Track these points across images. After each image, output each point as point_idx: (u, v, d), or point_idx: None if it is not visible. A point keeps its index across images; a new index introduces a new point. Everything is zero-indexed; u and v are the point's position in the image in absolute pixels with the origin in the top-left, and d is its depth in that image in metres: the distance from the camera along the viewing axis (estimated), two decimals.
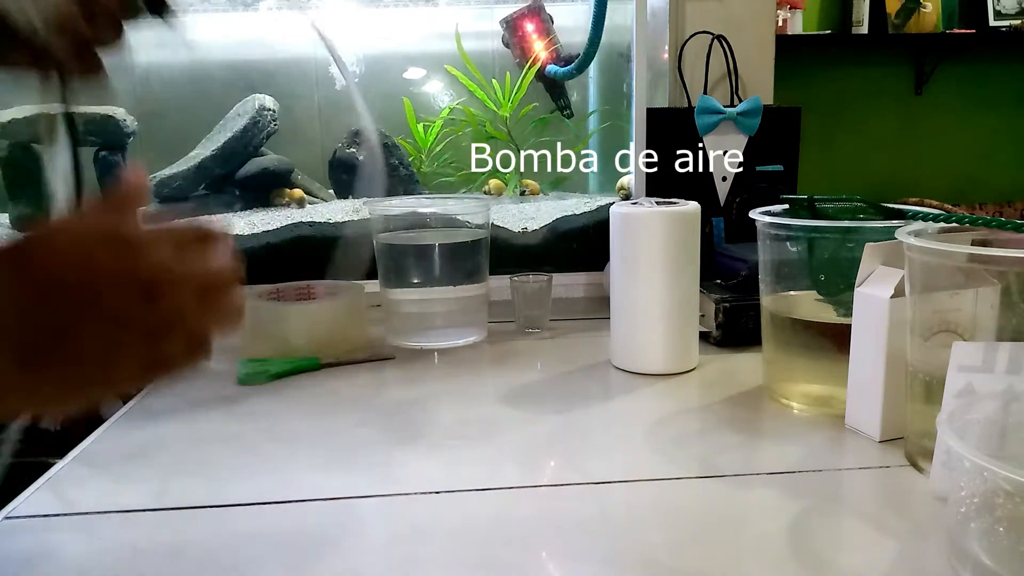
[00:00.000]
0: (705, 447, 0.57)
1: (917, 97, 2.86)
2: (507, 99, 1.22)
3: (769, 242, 0.64)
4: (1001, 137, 2.90)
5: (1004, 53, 2.84)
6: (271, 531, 0.46)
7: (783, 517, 0.46)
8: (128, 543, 0.45)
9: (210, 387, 0.71)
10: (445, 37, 1.21)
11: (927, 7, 2.69)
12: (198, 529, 0.46)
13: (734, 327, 0.79)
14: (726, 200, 0.99)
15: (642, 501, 0.49)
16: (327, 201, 1.23)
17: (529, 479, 0.52)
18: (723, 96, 1.03)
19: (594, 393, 0.69)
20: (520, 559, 0.42)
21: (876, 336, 0.54)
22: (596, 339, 0.84)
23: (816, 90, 2.71)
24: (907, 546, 0.43)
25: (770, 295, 0.65)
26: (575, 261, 1.05)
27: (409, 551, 0.44)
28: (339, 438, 0.60)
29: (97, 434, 0.61)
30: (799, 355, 0.63)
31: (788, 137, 0.99)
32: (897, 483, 0.50)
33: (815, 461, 0.53)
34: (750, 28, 1.06)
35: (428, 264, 0.83)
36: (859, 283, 0.56)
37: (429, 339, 0.83)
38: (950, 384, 0.45)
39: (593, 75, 1.28)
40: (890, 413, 0.54)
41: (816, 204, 0.62)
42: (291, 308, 0.80)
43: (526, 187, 1.25)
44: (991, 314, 0.47)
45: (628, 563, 0.42)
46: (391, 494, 0.50)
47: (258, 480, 0.53)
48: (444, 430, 0.62)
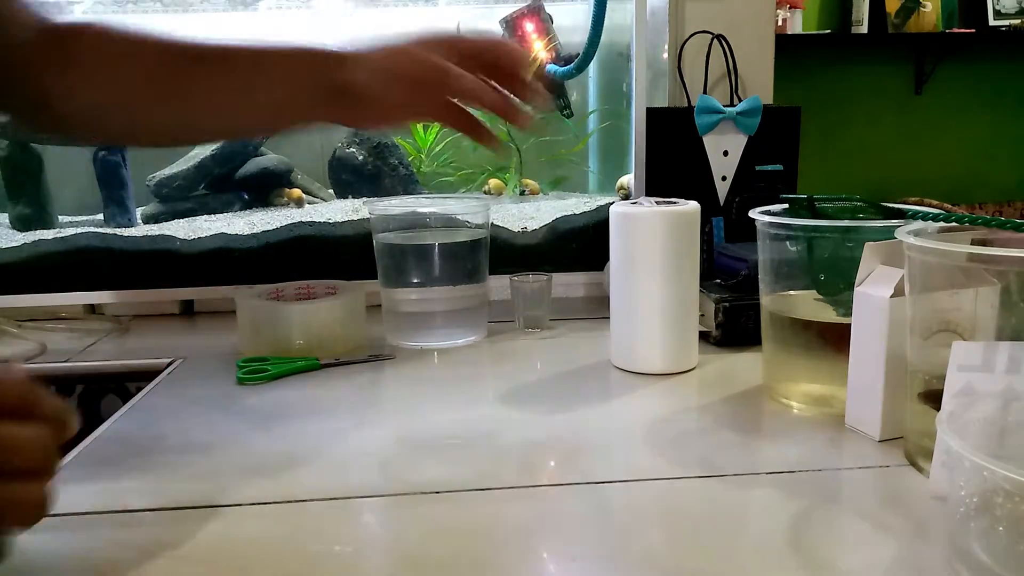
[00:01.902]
0: (705, 447, 0.57)
1: (917, 97, 2.86)
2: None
3: (769, 242, 0.64)
4: (1001, 137, 2.91)
5: (1004, 53, 2.85)
6: (271, 531, 0.46)
7: (783, 516, 0.46)
8: (128, 543, 0.45)
9: (210, 387, 0.72)
10: None
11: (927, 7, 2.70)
12: (198, 529, 0.46)
13: (734, 327, 0.79)
14: (726, 200, 0.99)
15: (642, 501, 0.49)
16: (327, 201, 1.23)
17: (529, 479, 0.52)
18: (723, 96, 1.03)
19: (594, 393, 0.69)
20: (520, 559, 0.42)
21: (876, 335, 0.54)
22: (596, 339, 0.84)
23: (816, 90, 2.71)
24: (906, 545, 0.43)
25: (770, 295, 0.65)
26: (575, 261, 1.05)
27: (409, 551, 0.44)
28: (339, 438, 0.60)
29: (97, 434, 0.61)
30: (799, 355, 0.63)
31: (788, 137, 0.99)
32: (897, 482, 0.50)
33: (815, 461, 0.53)
34: (750, 28, 1.06)
35: (428, 264, 0.83)
36: (859, 282, 0.56)
37: (429, 339, 0.83)
38: (950, 383, 0.45)
39: (593, 75, 1.28)
40: (890, 413, 0.55)
41: (816, 204, 0.62)
42: (291, 308, 0.80)
43: (526, 187, 1.25)
44: (991, 314, 0.47)
45: (628, 563, 0.42)
46: (391, 494, 0.50)
47: (258, 480, 0.53)
48: (444, 430, 0.62)
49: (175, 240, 0.99)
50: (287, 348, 0.78)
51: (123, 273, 0.98)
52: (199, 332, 0.95)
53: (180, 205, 1.14)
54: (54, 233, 1.02)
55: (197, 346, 0.85)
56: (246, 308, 0.81)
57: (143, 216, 1.13)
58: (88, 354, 0.84)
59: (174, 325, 0.97)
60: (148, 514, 0.48)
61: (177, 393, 0.71)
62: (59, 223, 1.12)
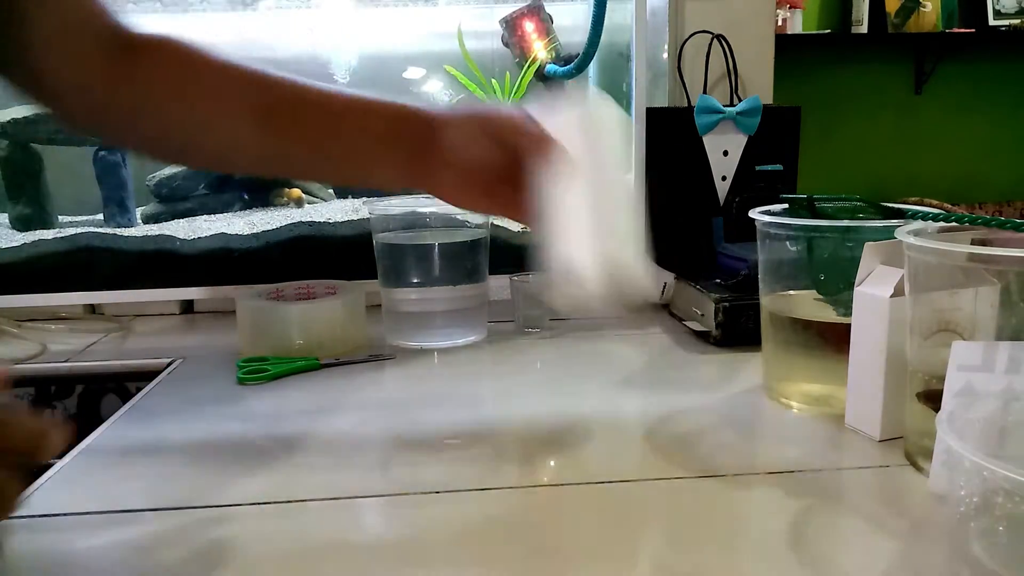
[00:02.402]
0: (704, 447, 0.57)
1: (917, 96, 2.86)
2: (507, 99, 1.22)
3: (768, 241, 0.64)
4: (1000, 136, 2.91)
5: (1003, 52, 2.85)
6: (271, 531, 0.46)
7: (782, 516, 0.46)
8: (128, 543, 0.45)
9: (210, 387, 0.72)
10: (445, 37, 1.21)
11: (927, 6, 2.70)
12: (198, 529, 0.46)
13: (734, 326, 0.79)
14: (726, 200, 0.99)
15: (642, 501, 0.49)
16: (327, 201, 1.23)
17: (529, 479, 0.52)
18: (723, 95, 1.03)
19: (593, 393, 0.69)
20: (520, 559, 0.42)
21: (876, 335, 0.54)
22: (596, 338, 0.84)
23: (816, 89, 2.72)
24: (906, 545, 0.43)
25: (769, 294, 0.65)
26: None
27: (409, 551, 0.44)
28: (339, 438, 0.60)
29: (97, 434, 0.61)
30: (798, 354, 0.63)
31: (788, 137, 0.99)
32: (897, 482, 0.50)
33: (814, 460, 0.53)
34: (750, 27, 1.06)
35: (428, 264, 0.83)
36: (858, 282, 0.56)
37: (429, 339, 0.83)
38: (950, 383, 0.45)
39: (593, 75, 1.28)
40: (890, 412, 0.55)
41: (816, 203, 0.62)
42: (291, 308, 0.80)
43: None
44: (991, 313, 0.47)
45: (628, 563, 0.42)
46: (391, 494, 0.50)
47: (258, 480, 0.53)
48: (444, 430, 0.62)
49: (175, 240, 0.99)
50: (287, 348, 0.78)
51: (123, 273, 0.98)
52: (199, 332, 0.95)
53: (180, 205, 1.14)
54: (54, 233, 1.02)
55: (197, 346, 0.85)
56: (246, 308, 0.81)
57: (143, 216, 1.13)
58: (88, 354, 0.84)
59: (174, 325, 0.97)
60: (148, 514, 0.48)
61: (177, 393, 0.71)
62: (59, 223, 1.12)
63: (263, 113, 0.55)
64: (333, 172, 0.62)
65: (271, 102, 0.56)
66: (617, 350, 0.82)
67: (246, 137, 0.56)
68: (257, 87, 0.55)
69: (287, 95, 0.56)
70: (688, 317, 0.87)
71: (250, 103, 0.55)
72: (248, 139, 0.56)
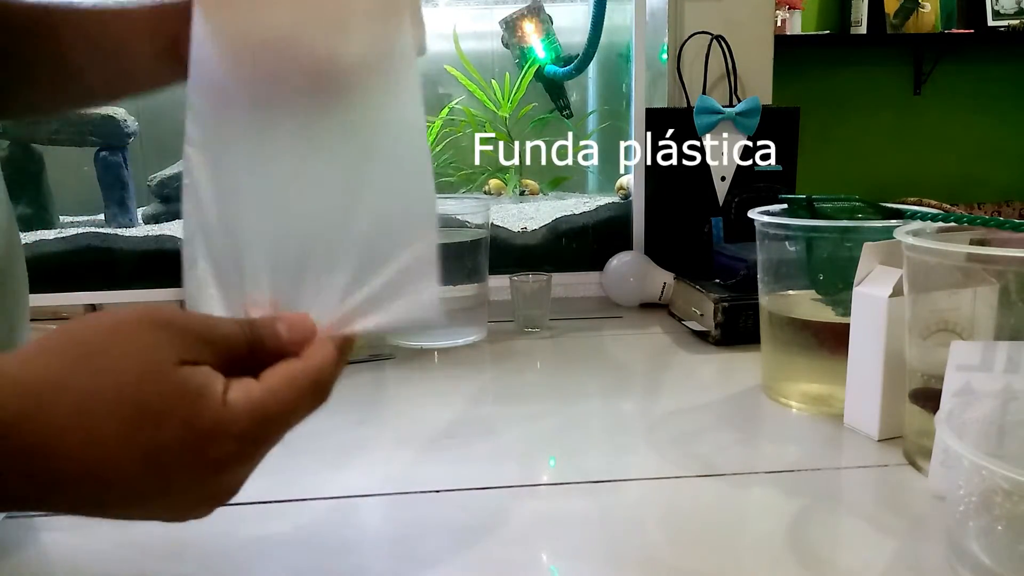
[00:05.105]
0: (704, 446, 0.57)
1: (916, 97, 2.86)
2: (506, 99, 1.22)
3: (768, 242, 0.64)
4: (999, 137, 2.91)
5: (1003, 53, 2.85)
6: (271, 531, 0.46)
7: (782, 516, 0.46)
8: (128, 543, 0.45)
9: None
10: (444, 37, 1.21)
11: (926, 7, 2.70)
12: (198, 529, 0.46)
13: (733, 326, 0.80)
14: (725, 200, 0.99)
15: (642, 500, 0.49)
16: None
17: (529, 478, 0.52)
18: (722, 96, 1.04)
19: (593, 392, 0.70)
20: (520, 559, 0.43)
21: (874, 335, 0.54)
22: (595, 338, 0.84)
23: (815, 90, 2.71)
24: (906, 545, 0.43)
25: (769, 294, 0.65)
26: (574, 261, 1.05)
27: (409, 551, 0.44)
28: (339, 438, 0.60)
29: None
30: (798, 354, 0.63)
31: (787, 137, 0.99)
32: (896, 482, 0.50)
33: (814, 460, 0.53)
34: (749, 28, 1.06)
35: None
36: (857, 282, 0.56)
37: (429, 339, 0.83)
38: (948, 383, 0.45)
39: (592, 75, 1.29)
40: (889, 412, 0.55)
41: (815, 204, 0.62)
42: None
43: (525, 187, 1.25)
44: (989, 313, 0.47)
45: (628, 562, 0.42)
46: (391, 494, 0.50)
47: (258, 480, 0.52)
48: (444, 429, 0.62)
49: (176, 240, 0.99)
50: None
51: (124, 273, 0.98)
52: None
53: (181, 205, 1.14)
54: (55, 233, 1.02)
55: None
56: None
57: (144, 216, 1.13)
58: None
59: None
60: None
61: None
62: (60, 223, 1.12)
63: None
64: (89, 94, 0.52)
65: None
66: (617, 350, 0.83)
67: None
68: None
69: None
70: (687, 317, 0.87)
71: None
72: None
